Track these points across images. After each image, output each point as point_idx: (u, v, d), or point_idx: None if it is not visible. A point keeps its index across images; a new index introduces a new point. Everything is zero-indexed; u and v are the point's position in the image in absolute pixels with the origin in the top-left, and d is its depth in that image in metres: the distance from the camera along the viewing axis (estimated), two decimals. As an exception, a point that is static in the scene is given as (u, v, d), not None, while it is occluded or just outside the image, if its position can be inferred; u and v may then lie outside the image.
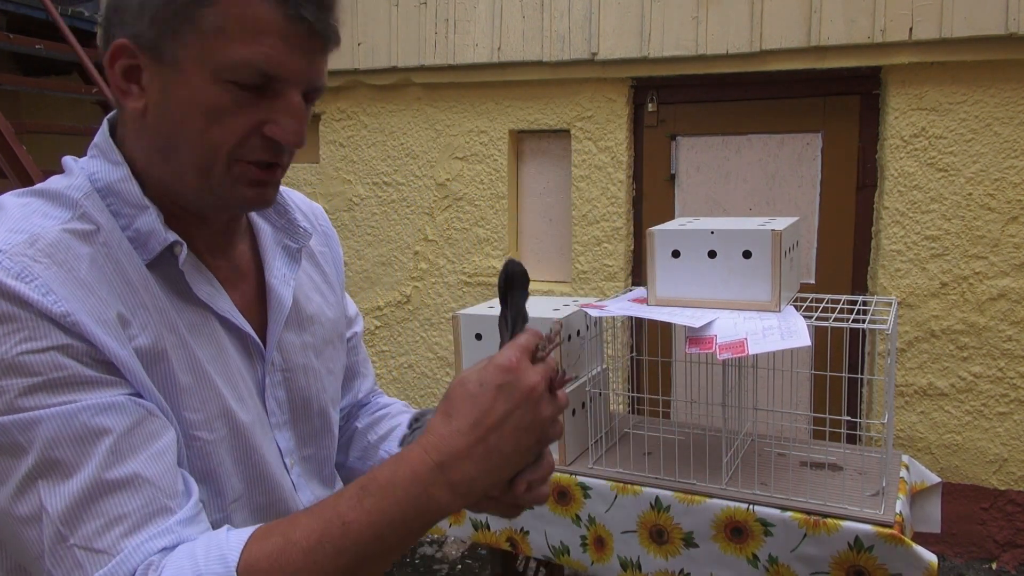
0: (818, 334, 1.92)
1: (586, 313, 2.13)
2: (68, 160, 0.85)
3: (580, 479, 2.11)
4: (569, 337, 2.15)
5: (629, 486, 2.05)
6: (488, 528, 2.25)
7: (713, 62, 3.26)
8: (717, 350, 1.81)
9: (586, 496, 2.11)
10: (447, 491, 0.72)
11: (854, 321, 1.93)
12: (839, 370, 2.53)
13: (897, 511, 1.82)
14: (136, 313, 0.78)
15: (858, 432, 3.10)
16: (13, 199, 0.80)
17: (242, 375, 0.88)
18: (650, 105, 3.52)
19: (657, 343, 2.46)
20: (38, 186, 0.82)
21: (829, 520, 1.82)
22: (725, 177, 3.47)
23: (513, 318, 0.80)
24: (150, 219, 0.81)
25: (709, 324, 1.89)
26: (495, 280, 3.77)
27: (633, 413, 2.73)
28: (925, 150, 3.08)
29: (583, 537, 2.13)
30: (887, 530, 1.76)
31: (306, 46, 0.78)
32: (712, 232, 1.98)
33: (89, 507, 0.69)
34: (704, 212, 3.51)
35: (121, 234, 0.81)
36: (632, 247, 3.58)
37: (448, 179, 3.76)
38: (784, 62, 3.17)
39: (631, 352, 3.25)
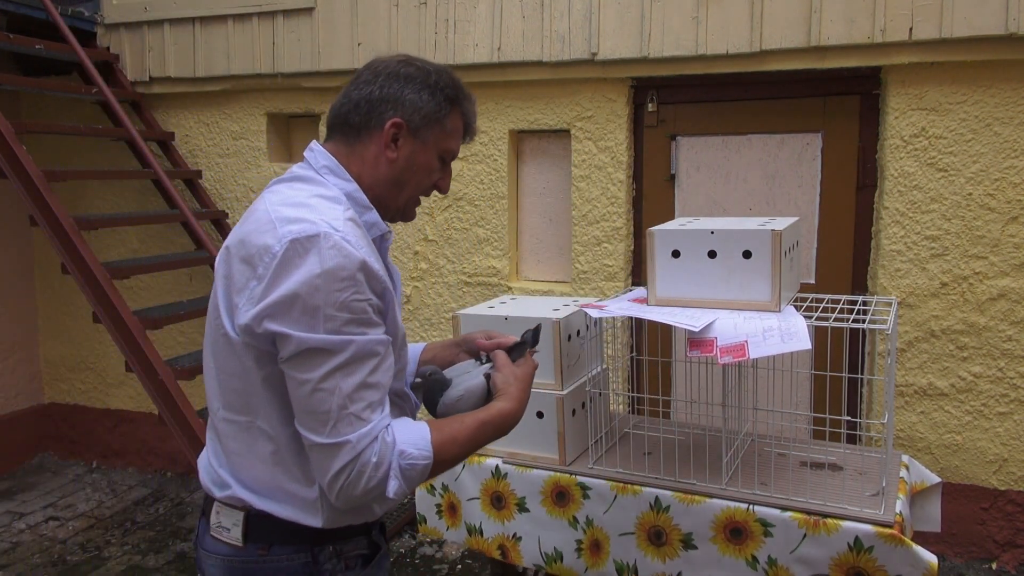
0: (818, 334, 1.92)
1: (586, 313, 2.13)
2: (317, 172, 1.33)
3: (580, 479, 2.11)
4: (569, 337, 2.15)
5: (629, 486, 2.05)
6: (481, 534, 2.25)
7: (713, 62, 3.26)
8: (718, 353, 1.81)
9: (585, 496, 2.10)
10: (519, 407, 1.39)
11: (854, 321, 1.93)
12: (839, 370, 2.53)
13: (897, 511, 1.82)
14: (380, 275, 1.23)
15: (858, 432, 3.10)
16: (320, 203, 1.25)
17: None
18: (650, 105, 3.52)
19: (657, 343, 2.46)
20: (331, 186, 1.31)
21: (829, 520, 1.82)
22: (725, 177, 3.47)
23: (517, 358, 1.50)
24: (374, 215, 1.34)
25: (709, 326, 1.89)
26: (495, 280, 3.78)
27: (633, 413, 2.73)
28: (925, 150, 3.08)
29: (579, 541, 2.13)
30: (887, 530, 1.76)
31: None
32: (712, 232, 1.98)
33: (359, 393, 1.18)
34: (704, 212, 3.51)
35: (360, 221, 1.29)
36: (632, 247, 3.58)
37: (448, 179, 3.75)
38: (784, 62, 3.17)
39: (631, 352, 3.25)
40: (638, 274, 3.58)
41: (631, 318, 2.25)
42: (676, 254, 2.03)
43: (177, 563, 3.51)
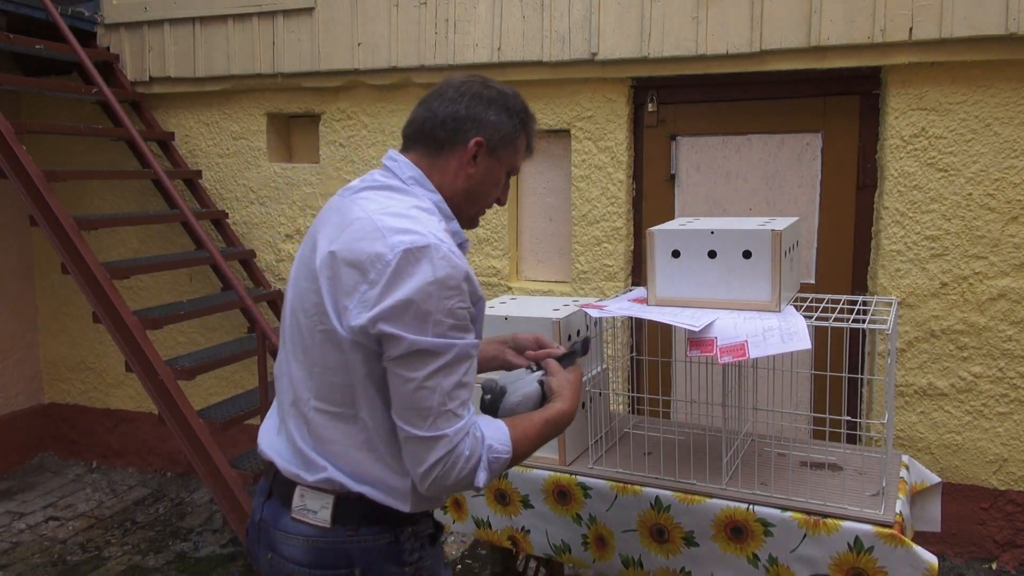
0: (818, 334, 1.92)
1: (586, 313, 2.13)
2: (404, 182, 1.45)
3: (580, 479, 2.11)
4: (569, 337, 2.15)
5: (629, 486, 2.05)
6: (490, 526, 2.25)
7: (713, 62, 3.26)
8: (718, 353, 1.81)
9: (586, 496, 2.11)
10: (573, 407, 1.55)
11: (854, 321, 1.93)
12: (839, 370, 2.54)
13: (897, 511, 1.82)
14: (476, 283, 1.36)
15: (858, 432, 3.10)
16: (419, 214, 1.36)
17: None
18: (650, 105, 3.52)
19: (657, 343, 2.46)
20: (423, 197, 1.43)
21: (829, 520, 1.82)
22: (725, 177, 3.47)
23: (568, 364, 1.66)
24: (455, 224, 1.47)
25: (709, 325, 1.89)
26: (495, 280, 3.78)
27: (633, 413, 2.73)
28: (925, 150, 3.08)
29: (584, 536, 2.13)
30: (887, 530, 1.76)
31: None
32: (712, 232, 1.98)
33: (456, 392, 1.30)
34: (704, 212, 3.51)
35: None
36: (632, 247, 3.58)
37: (448, 179, 3.75)
38: (784, 62, 3.17)
39: (631, 352, 3.25)
40: (638, 274, 3.58)
41: (631, 318, 2.25)
42: (676, 254, 2.03)
43: (177, 563, 3.51)
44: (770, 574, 1.88)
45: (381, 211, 1.35)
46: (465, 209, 1.50)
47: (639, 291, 2.32)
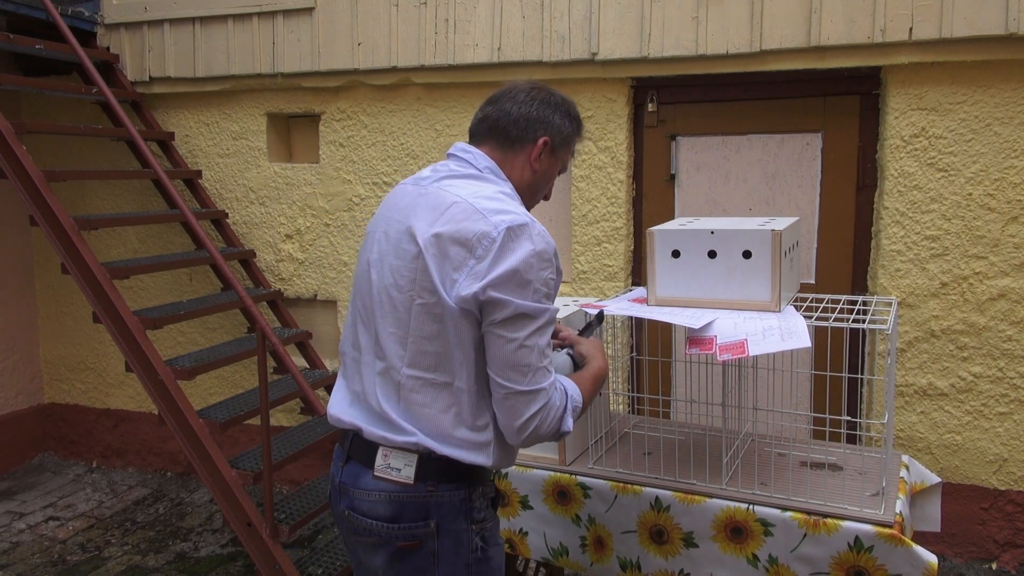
0: (818, 334, 1.93)
1: (586, 313, 2.13)
2: (481, 172, 1.63)
3: (580, 479, 2.11)
4: (585, 316, 2.16)
5: (629, 486, 2.05)
6: (488, 528, 2.25)
7: (713, 62, 3.26)
8: (717, 351, 1.81)
9: (586, 496, 2.11)
10: (607, 364, 1.77)
11: (854, 321, 1.93)
12: (839, 370, 2.54)
13: (897, 511, 1.82)
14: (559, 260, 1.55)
15: (858, 432, 3.10)
16: (506, 199, 1.54)
17: None
18: (650, 105, 3.52)
19: (657, 343, 2.46)
20: (494, 187, 1.58)
21: (829, 520, 1.82)
22: (725, 177, 3.47)
23: (588, 335, 1.88)
24: (524, 208, 1.59)
25: (709, 325, 1.89)
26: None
27: (633, 413, 2.73)
28: (925, 150, 3.08)
29: (583, 538, 2.13)
30: (887, 530, 1.76)
31: None
32: (712, 232, 1.98)
33: (547, 351, 1.50)
34: (704, 212, 3.51)
35: None
36: (632, 247, 3.58)
37: (448, 179, 3.75)
38: (784, 62, 3.17)
39: (631, 352, 3.25)
40: (638, 274, 3.58)
41: (631, 318, 2.25)
42: (676, 254, 2.03)
43: (177, 563, 3.51)
44: (770, 574, 1.88)
45: (475, 195, 1.52)
46: (527, 200, 1.68)
47: (639, 291, 2.32)
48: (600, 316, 1.98)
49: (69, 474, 4.59)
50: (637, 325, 2.39)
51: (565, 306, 2.24)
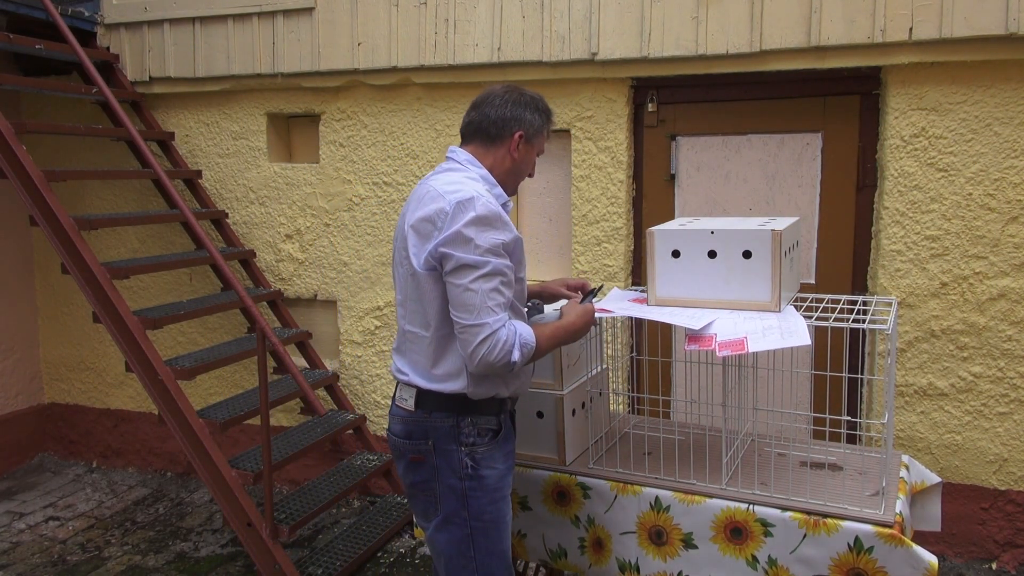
0: (818, 334, 1.92)
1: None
2: (462, 164, 2.01)
3: (580, 479, 2.11)
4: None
5: (629, 486, 2.05)
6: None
7: (713, 62, 3.26)
8: (716, 348, 1.81)
9: (586, 496, 2.11)
10: (575, 321, 2.01)
11: (854, 321, 1.93)
12: (839, 370, 2.54)
13: (897, 511, 1.82)
14: (511, 227, 1.88)
15: (858, 432, 3.10)
16: (468, 182, 1.92)
17: None
18: (650, 105, 3.52)
19: (657, 343, 2.46)
20: (474, 172, 1.97)
21: (829, 520, 1.82)
22: (725, 177, 3.47)
23: (586, 301, 2.09)
24: (499, 190, 1.99)
25: (709, 325, 1.89)
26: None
27: (633, 413, 2.73)
28: (925, 150, 3.08)
29: (582, 539, 2.13)
30: (887, 530, 1.76)
31: None
32: (712, 232, 1.98)
33: (492, 295, 1.82)
34: (704, 212, 3.51)
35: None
36: (632, 247, 3.58)
37: (448, 179, 3.75)
38: (784, 62, 3.17)
39: (631, 352, 3.25)
40: (638, 274, 3.58)
41: (631, 318, 2.25)
42: (676, 254, 2.03)
43: (177, 563, 3.51)
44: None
45: (443, 183, 1.92)
46: (510, 182, 2.06)
47: (632, 292, 2.32)
48: (595, 291, 2.24)
49: (69, 474, 4.59)
50: (637, 325, 2.39)
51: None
